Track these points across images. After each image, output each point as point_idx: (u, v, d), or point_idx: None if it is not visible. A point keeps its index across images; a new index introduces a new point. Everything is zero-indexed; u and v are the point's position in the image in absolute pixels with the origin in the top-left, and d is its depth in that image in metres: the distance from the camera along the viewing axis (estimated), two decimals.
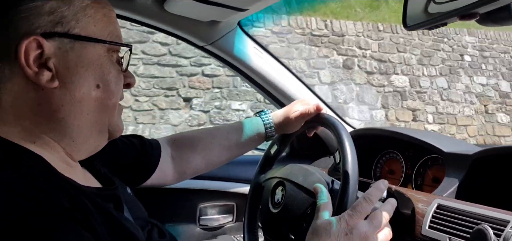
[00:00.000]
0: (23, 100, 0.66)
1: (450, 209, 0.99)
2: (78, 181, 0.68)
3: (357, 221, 0.78)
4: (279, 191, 1.10)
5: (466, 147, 1.27)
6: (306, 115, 1.14)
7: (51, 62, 0.65)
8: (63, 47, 0.66)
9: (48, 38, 0.65)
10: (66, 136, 0.69)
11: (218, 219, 1.64)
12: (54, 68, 0.66)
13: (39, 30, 0.64)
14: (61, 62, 0.66)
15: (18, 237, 0.51)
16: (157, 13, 1.29)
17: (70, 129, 0.69)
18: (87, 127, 0.71)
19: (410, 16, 0.78)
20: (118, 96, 0.74)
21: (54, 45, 0.65)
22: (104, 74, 0.71)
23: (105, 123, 0.74)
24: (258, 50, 1.49)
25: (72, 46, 0.67)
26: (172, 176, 1.11)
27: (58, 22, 0.65)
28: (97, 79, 0.70)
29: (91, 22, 0.69)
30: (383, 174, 1.50)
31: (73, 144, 0.71)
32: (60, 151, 0.70)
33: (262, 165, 1.26)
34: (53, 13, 0.65)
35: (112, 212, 0.70)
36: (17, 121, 0.66)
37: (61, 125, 0.68)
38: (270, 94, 1.57)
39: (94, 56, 0.69)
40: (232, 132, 1.16)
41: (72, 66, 0.67)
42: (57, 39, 0.66)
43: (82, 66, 0.68)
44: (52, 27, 0.65)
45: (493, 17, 0.66)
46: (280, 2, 6.35)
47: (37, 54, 0.64)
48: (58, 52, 0.66)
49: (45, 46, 0.64)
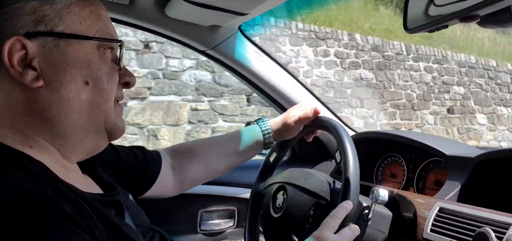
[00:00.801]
0: (14, 101, 0.66)
1: (452, 213, 0.99)
2: (79, 186, 0.68)
3: (325, 233, 0.88)
4: (280, 196, 1.10)
5: (468, 150, 1.27)
6: (304, 120, 1.14)
7: (35, 62, 0.66)
8: (47, 45, 0.66)
9: (31, 37, 0.65)
10: (59, 136, 0.69)
11: (219, 224, 1.63)
12: (39, 67, 0.66)
13: (22, 30, 0.65)
14: (46, 61, 0.66)
15: (18, 237, 0.51)
16: (158, 18, 1.29)
17: (62, 128, 0.69)
18: (80, 126, 0.70)
19: (411, 19, 0.78)
20: (112, 94, 0.73)
21: (37, 45, 0.66)
22: (93, 71, 0.70)
23: (100, 122, 0.73)
24: (259, 54, 1.49)
25: (56, 45, 0.67)
26: (173, 187, 1.11)
27: (41, 21, 0.66)
28: (85, 76, 0.69)
29: (76, 20, 0.69)
30: (385, 178, 1.50)
31: (66, 144, 0.71)
32: (55, 153, 0.70)
33: (262, 173, 1.26)
34: (35, 12, 0.65)
35: (113, 218, 0.69)
36: (12, 123, 0.66)
37: (52, 125, 0.68)
38: (271, 98, 1.57)
39: (80, 53, 0.69)
40: (231, 140, 1.16)
41: (57, 64, 0.67)
42: (40, 38, 0.66)
43: (68, 63, 0.68)
44: (34, 26, 0.65)
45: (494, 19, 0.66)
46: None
47: (21, 55, 0.65)
48: (42, 51, 0.66)
49: (28, 46, 0.65)
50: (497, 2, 0.61)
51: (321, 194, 1.01)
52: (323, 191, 1.01)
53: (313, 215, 1.00)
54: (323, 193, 1.01)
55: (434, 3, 0.72)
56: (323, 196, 1.00)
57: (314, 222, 0.99)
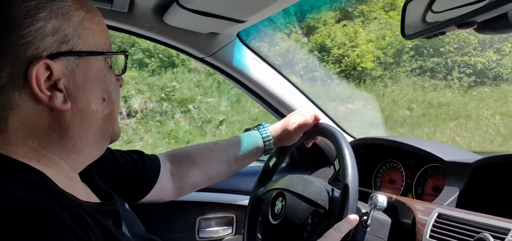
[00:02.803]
0: (34, 123, 0.65)
1: (450, 218, 0.99)
2: (79, 196, 0.67)
3: None
4: (279, 202, 1.09)
5: (467, 155, 1.27)
6: (304, 126, 1.14)
7: (61, 83, 0.65)
8: (70, 65, 0.65)
9: (55, 59, 0.64)
10: (73, 152, 0.69)
11: (218, 232, 1.62)
12: (65, 88, 0.65)
13: (46, 52, 0.63)
14: (71, 82, 0.66)
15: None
16: (157, 26, 1.30)
17: (78, 145, 0.69)
18: (92, 140, 0.71)
19: (409, 25, 0.79)
20: (118, 103, 0.75)
21: (61, 65, 0.65)
22: (107, 85, 0.71)
23: (109, 132, 0.74)
24: (257, 61, 1.49)
25: (78, 63, 0.66)
26: (171, 191, 1.11)
27: (63, 41, 0.65)
28: (103, 92, 0.70)
29: (89, 35, 0.68)
30: (384, 184, 1.50)
31: (78, 158, 0.71)
32: (64, 167, 0.69)
33: (261, 178, 1.26)
34: (56, 32, 0.64)
35: (110, 228, 0.69)
36: (24, 142, 0.65)
37: (70, 143, 0.68)
38: (269, 105, 1.57)
39: (97, 69, 0.69)
40: (231, 146, 1.15)
41: (80, 83, 0.67)
42: (63, 59, 0.65)
43: (90, 81, 0.68)
44: (58, 47, 0.64)
45: (491, 26, 0.67)
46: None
47: (47, 77, 0.63)
48: (66, 72, 0.65)
49: (54, 68, 0.63)
50: (494, 9, 0.62)
51: (320, 202, 1.01)
52: (321, 199, 1.01)
53: (311, 223, 1.00)
54: (321, 201, 1.01)
55: (432, 9, 0.73)
56: (322, 204, 1.00)
57: (312, 230, 0.99)
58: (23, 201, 0.55)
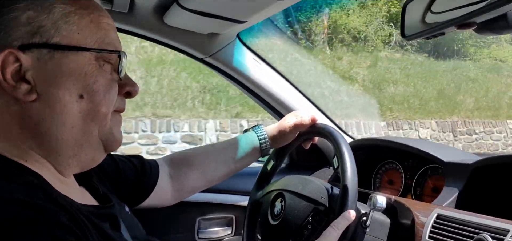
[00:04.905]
0: (8, 114, 0.64)
1: (450, 219, 0.99)
2: (75, 199, 0.66)
3: None
4: (278, 203, 1.10)
5: (466, 156, 1.27)
6: (300, 126, 1.14)
7: (29, 75, 0.63)
8: (42, 58, 0.64)
9: (25, 50, 0.63)
10: (52, 151, 0.67)
11: (217, 232, 1.62)
12: (33, 80, 0.63)
13: (16, 42, 0.62)
14: (40, 74, 0.64)
15: None
16: (157, 26, 1.30)
17: (55, 143, 0.67)
18: (73, 141, 0.68)
19: (408, 26, 0.79)
20: (109, 106, 0.70)
21: (32, 57, 0.63)
22: (88, 84, 0.67)
23: (95, 135, 0.70)
24: (257, 62, 1.49)
25: (51, 56, 0.64)
26: (171, 195, 1.11)
27: (36, 32, 0.63)
28: (80, 89, 0.66)
29: (74, 30, 0.66)
30: (383, 185, 1.50)
31: (60, 159, 0.68)
32: (50, 167, 0.68)
33: (259, 181, 1.26)
34: (30, 23, 0.63)
35: (108, 232, 0.68)
36: (6, 136, 0.65)
37: (44, 140, 0.66)
38: (269, 106, 1.57)
39: (76, 65, 0.66)
40: (228, 148, 1.16)
41: (51, 77, 0.64)
42: (35, 50, 0.63)
43: (62, 76, 0.65)
44: (29, 38, 0.63)
45: (490, 26, 0.67)
46: None
47: (15, 68, 0.62)
48: (36, 64, 0.64)
49: (22, 58, 0.63)
50: (493, 9, 0.62)
51: (319, 200, 1.01)
52: (321, 197, 1.01)
53: (312, 221, 1.00)
54: (321, 199, 1.01)
55: (431, 10, 0.73)
56: (322, 202, 1.00)
57: (313, 229, 0.99)
58: (18, 202, 0.55)
